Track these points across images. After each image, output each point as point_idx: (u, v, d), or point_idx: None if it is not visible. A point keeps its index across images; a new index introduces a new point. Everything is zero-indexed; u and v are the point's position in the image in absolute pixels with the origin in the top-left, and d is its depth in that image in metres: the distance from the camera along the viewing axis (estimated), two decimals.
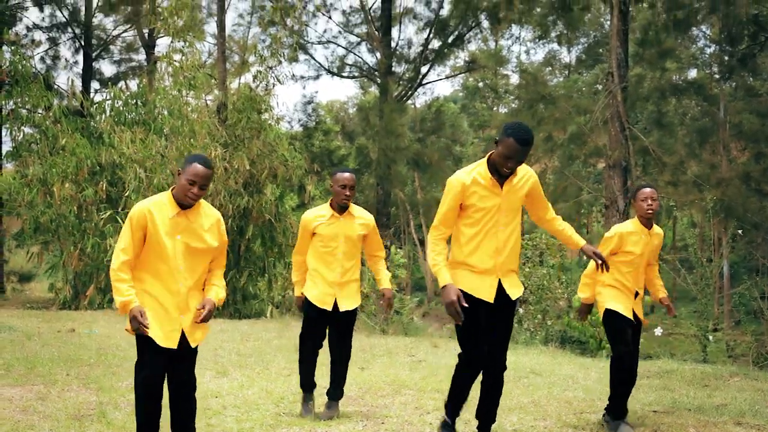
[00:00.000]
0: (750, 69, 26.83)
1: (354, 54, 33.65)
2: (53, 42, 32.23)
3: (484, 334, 5.19)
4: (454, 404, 5.44)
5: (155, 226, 4.70)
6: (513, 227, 5.21)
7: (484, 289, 5.15)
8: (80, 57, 32.21)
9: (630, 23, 22.52)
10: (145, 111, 19.71)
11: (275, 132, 20.00)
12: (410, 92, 33.38)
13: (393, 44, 31.11)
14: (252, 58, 30.89)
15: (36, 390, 7.30)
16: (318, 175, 21.31)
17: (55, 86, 27.77)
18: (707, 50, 32.96)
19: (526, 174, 5.24)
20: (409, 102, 36.02)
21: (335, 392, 6.60)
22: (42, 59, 31.84)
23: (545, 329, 13.49)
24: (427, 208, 35.38)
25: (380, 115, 29.44)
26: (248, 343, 11.44)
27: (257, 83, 19.80)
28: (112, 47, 34.63)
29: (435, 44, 32.33)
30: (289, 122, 36.21)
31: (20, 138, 19.67)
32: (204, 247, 4.80)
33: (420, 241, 40.71)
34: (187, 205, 4.75)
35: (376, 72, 31.69)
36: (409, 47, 33.32)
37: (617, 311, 6.24)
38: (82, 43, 31.78)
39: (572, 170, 26.92)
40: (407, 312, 15.25)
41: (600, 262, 5.49)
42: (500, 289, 5.19)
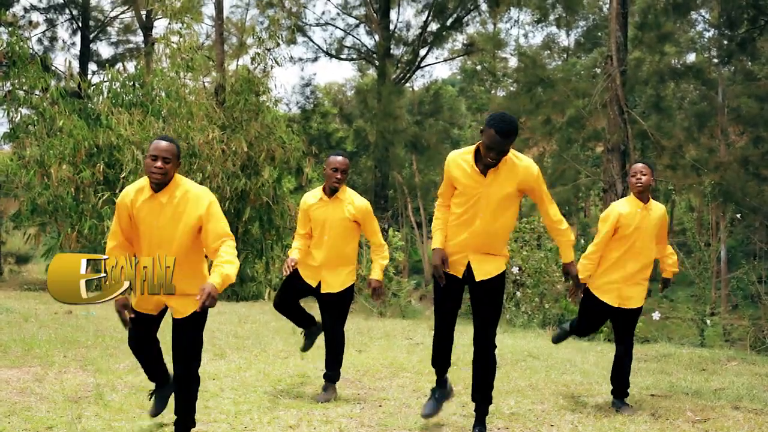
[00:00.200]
0: (749, 53, 26.71)
1: (352, 36, 33.55)
2: (50, 23, 32.12)
3: (453, 310, 5.48)
4: (435, 365, 5.70)
5: (135, 212, 4.79)
6: (498, 216, 5.21)
7: (453, 266, 5.36)
8: (78, 38, 32.13)
9: (629, 6, 22.45)
10: (143, 93, 19.60)
11: (273, 114, 19.92)
12: (408, 75, 33.29)
13: (391, 27, 31.00)
14: (250, 40, 30.69)
15: (33, 372, 7.30)
16: (316, 158, 21.20)
17: (53, 68, 27.57)
18: (706, 34, 32.88)
19: (520, 168, 5.16)
20: (408, 85, 35.89)
21: (331, 375, 6.61)
22: (39, 40, 31.73)
23: (543, 312, 13.48)
24: (425, 191, 35.36)
25: (378, 98, 29.35)
26: (246, 326, 11.44)
27: (255, 65, 19.70)
28: (110, 29, 34.54)
29: (433, 27, 32.23)
30: (287, 104, 36.15)
31: (17, 119, 19.56)
32: (178, 230, 4.77)
33: (417, 224, 40.65)
34: (158, 185, 4.75)
35: (375, 54, 31.60)
36: (408, 30, 33.22)
37: (594, 295, 6.41)
38: (80, 25, 31.66)
39: (570, 154, 26.81)
40: (405, 295, 15.24)
41: (573, 290, 6.17)
42: (471, 269, 5.34)
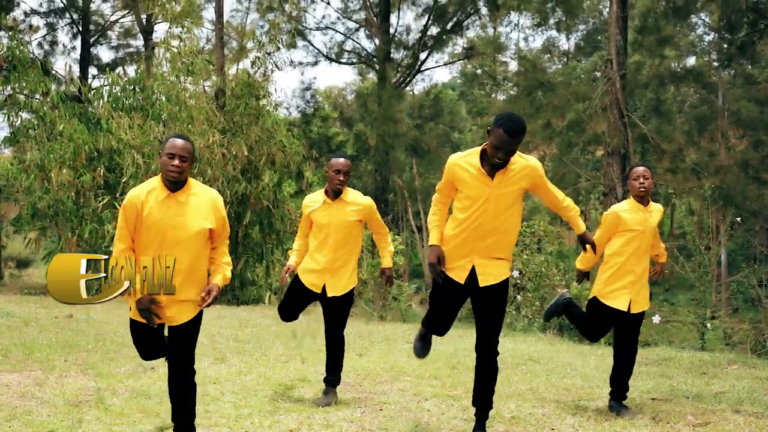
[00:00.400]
0: (749, 57, 26.73)
1: (352, 40, 33.62)
2: (51, 27, 32.16)
3: (452, 314, 5.52)
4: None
5: (147, 212, 4.69)
6: (505, 218, 5.19)
7: (456, 271, 5.30)
8: (78, 42, 32.17)
9: (629, 10, 22.47)
10: (143, 97, 19.63)
11: (273, 118, 19.94)
12: (409, 79, 33.32)
13: (391, 30, 31.03)
14: (250, 44, 30.79)
15: (34, 376, 7.30)
16: (316, 162, 21.27)
17: (53, 72, 27.62)
18: (706, 38, 32.92)
19: (526, 167, 5.16)
20: (408, 88, 35.94)
21: (332, 379, 6.61)
22: (40, 44, 31.80)
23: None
24: (425, 195, 35.33)
25: (378, 102, 29.38)
26: (246, 330, 11.44)
27: (255, 69, 19.73)
28: (110, 33, 34.60)
29: (433, 31, 32.26)
30: (288, 108, 36.13)
31: (18, 123, 19.58)
32: (198, 230, 4.76)
33: (418, 228, 40.65)
34: (174, 184, 4.73)
35: (375, 58, 31.63)
36: (408, 33, 33.24)
37: (603, 303, 6.38)
38: (80, 29, 31.69)
39: (571, 157, 26.83)
40: (405, 299, 15.26)
41: (591, 249, 5.78)
42: (475, 274, 5.30)
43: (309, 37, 35.83)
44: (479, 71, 40.01)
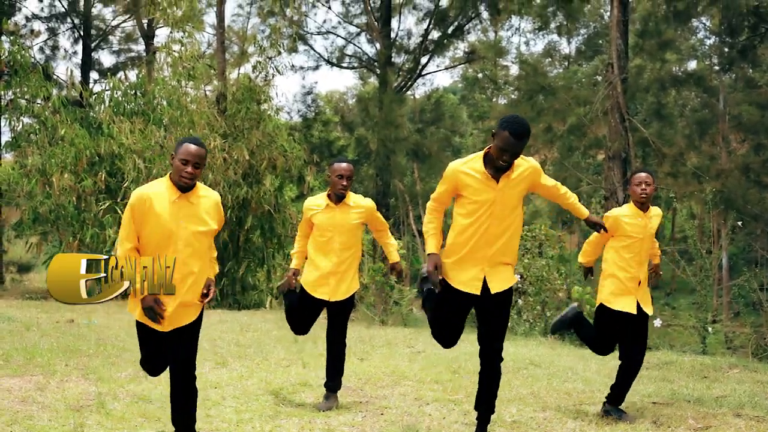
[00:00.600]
0: (750, 60, 26.78)
1: (353, 44, 33.59)
2: (52, 32, 32.20)
3: (459, 327, 5.47)
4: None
5: (157, 213, 4.71)
6: (510, 221, 5.19)
7: (469, 283, 5.22)
8: (79, 47, 32.19)
9: (630, 14, 22.49)
10: (144, 101, 19.66)
11: (274, 123, 19.94)
12: (410, 83, 33.33)
13: (392, 35, 31.03)
14: (251, 49, 30.88)
15: (35, 380, 7.30)
16: (317, 166, 21.23)
17: (54, 76, 27.70)
18: (707, 41, 32.94)
19: (528, 168, 5.18)
20: (409, 93, 35.98)
21: (333, 384, 6.61)
22: (41, 49, 31.81)
23: (544, 320, 13.47)
24: (427, 199, 35.03)
25: (380, 106, 29.37)
26: (247, 334, 11.43)
27: (256, 74, 19.74)
28: (111, 37, 34.64)
29: (434, 35, 32.29)
30: (289, 113, 36.14)
31: (19, 128, 19.63)
32: (206, 230, 4.84)
33: (419, 233, 40.64)
34: (185, 188, 4.76)
35: (376, 63, 31.62)
36: (409, 38, 33.29)
37: (611, 308, 6.35)
38: (81, 34, 31.73)
39: (572, 161, 26.84)
40: (406, 303, 15.24)
41: (601, 230, 5.92)
42: (485, 282, 5.25)
43: (310, 42, 35.86)
44: (480, 75, 40.02)
